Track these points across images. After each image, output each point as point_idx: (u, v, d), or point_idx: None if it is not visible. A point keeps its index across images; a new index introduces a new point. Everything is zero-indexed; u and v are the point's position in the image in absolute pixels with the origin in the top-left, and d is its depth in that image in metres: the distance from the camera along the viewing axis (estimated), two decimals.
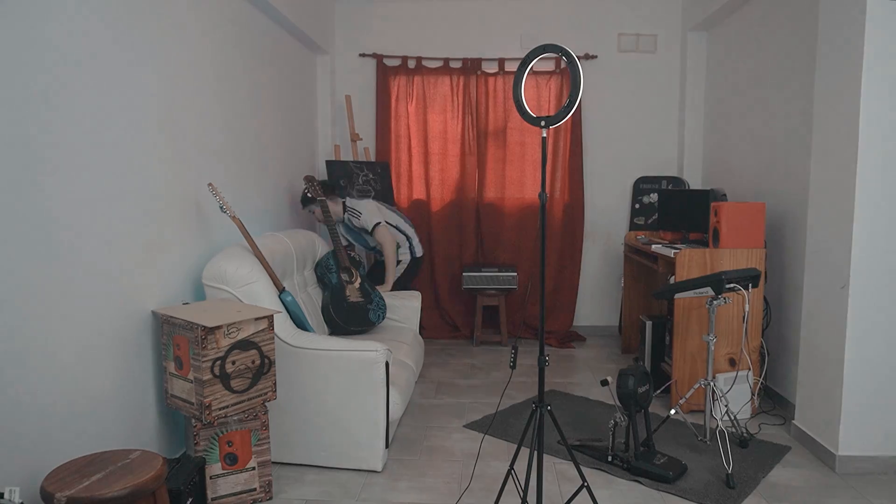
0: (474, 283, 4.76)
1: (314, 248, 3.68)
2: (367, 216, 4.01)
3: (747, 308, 3.04)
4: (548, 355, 2.09)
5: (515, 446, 3.10)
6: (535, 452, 2.08)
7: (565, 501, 2.34)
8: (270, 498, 2.55)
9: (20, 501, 1.62)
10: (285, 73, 4.16)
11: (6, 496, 1.61)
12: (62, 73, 2.00)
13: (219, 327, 2.31)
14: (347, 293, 3.56)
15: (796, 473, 2.80)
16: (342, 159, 4.97)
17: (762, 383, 3.68)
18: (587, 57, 4.99)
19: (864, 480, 2.73)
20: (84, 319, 2.11)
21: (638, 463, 2.75)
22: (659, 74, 5.01)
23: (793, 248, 3.49)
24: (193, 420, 2.37)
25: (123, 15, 2.33)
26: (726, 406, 3.02)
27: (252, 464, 2.49)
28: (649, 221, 4.96)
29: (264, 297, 2.78)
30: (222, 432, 2.42)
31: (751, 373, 3.38)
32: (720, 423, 2.99)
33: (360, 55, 5.05)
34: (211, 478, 2.41)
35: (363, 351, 2.70)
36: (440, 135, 5.03)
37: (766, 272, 3.53)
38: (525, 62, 2.02)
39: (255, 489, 2.51)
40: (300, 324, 2.92)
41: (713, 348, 2.96)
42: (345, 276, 3.61)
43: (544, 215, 2.06)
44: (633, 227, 4.99)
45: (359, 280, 3.66)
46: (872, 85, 2.64)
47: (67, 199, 2.03)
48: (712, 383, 2.98)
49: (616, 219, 5.10)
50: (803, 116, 3.39)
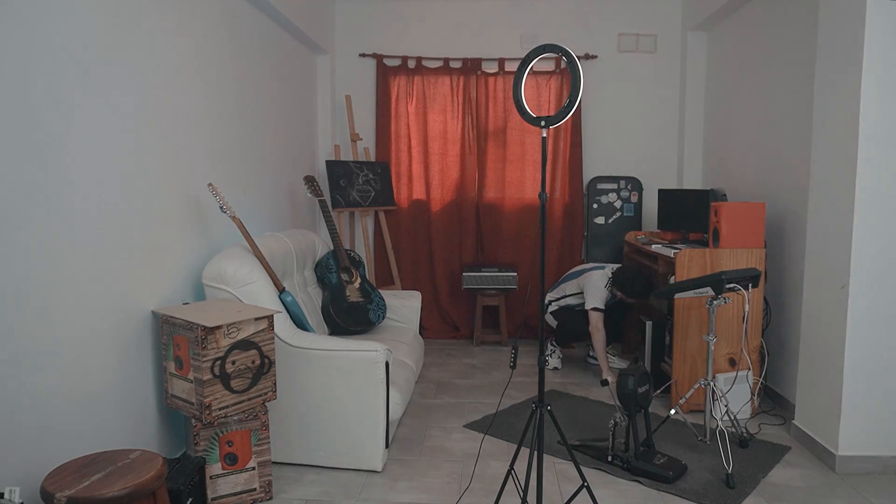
0: (474, 283, 4.75)
1: (314, 248, 3.68)
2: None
3: (747, 308, 3.04)
4: (548, 355, 2.09)
5: (515, 446, 3.10)
6: (535, 452, 2.08)
7: (565, 501, 2.34)
8: (270, 498, 2.55)
9: (20, 501, 1.62)
10: (285, 73, 4.16)
11: (6, 496, 1.61)
12: (62, 74, 2.00)
13: (219, 327, 2.31)
14: (347, 293, 3.56)
15: (796, 473, 2.80)
16: (342, 159, 4.97)
17: (762, 383, 3.68)
18: (587, 57, 4.99)
19: (864, 480, 2.73)
20: (84, 319, 2.11)
21: (638, 463, 2.75)
22: (659, 74, 5.01)
23: (793, 248, 3.49)
24: (193, 420, 2.37)
25: (124, 15, 2.33)
26: (726, 406, 3.02)
27: (252, 464, 2.49)
28: (610, 221, 4.96)
29: (264, 297, 2.78)
30: (222, 432, 2.42)
31: (751, 373, 3.38)
32: (720, 423, 2.99)
33: (360, 55, 5.05)
34: (211, 478, 2.41)
35: (363, 351, 2.70)
36: (440, 135, 5.03)
37: (766, 272, 3.53)
38: (525, 62, 2.02)
39: (255, 489, 2.51)
40: (300, 324, 2.92)
41: (713, 348, 2.96)
42: (345, 276, 3.61)
43: (544, 215, 2.06)
44: (591, 227, 4.98)
45: (359, 280, 3.66)
46: (872, 85, 2.64)
47: (67, 198, 2.03)
48: (712, 383, 2.98)
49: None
50: (803, 116, 3.39)
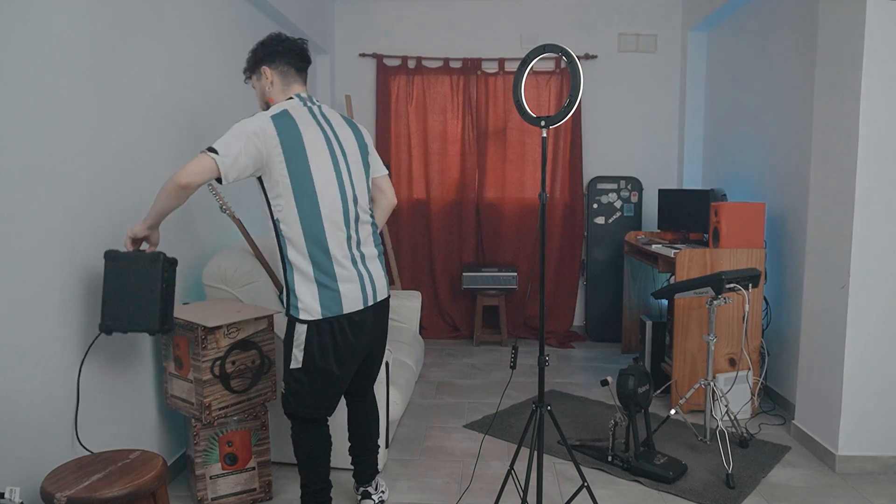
0: (474, 283, 4.75)
1: None
2: None
3: (747, 308, 3.04)
4: (548, 355, 2.09)
5: (515, 446, 3.10)
6: (535, 452, 2.08)
7: (565, 501, 2.34)
8: (270, 498, 2.55)
9: (20, 501, 1.62)
10: None
11: (6, 496, 1.61)
12: (62, 73, 2.00)
13: (219, 327, 2.31)
14: None
15: (796, 473, 2.80)
16: None
17: (762, 383, 3.68)
18: (587, 57, 4.99)
19: (864, 480, 2.73)
20: (84, 319, 2.11)
21: (638, 463, 2.75)
22: (659, 74, 5.01)
23: (793, 248, 3.49)
24: (193, 420, 2.37)
25: (123, 15, 2.33)
26: (726, 406, 3.02)
27: (252, 464, 2.49)
28: (610, 221, 4.96)
29: (264, 297, 2.78)
30: (222, 432, 2.42)
31: (751, 373, 3.38)
32: (720, 423, 2.99)
33: (360, 55, 5.05)
34: (211, 478, 2.41)
35: None
36: (440, 135, 5.03)
37: (765, 272, 3.53)
38: (525, 62, 2.02)
39: (255, 489, 2.51)
40: None
41: (713, 348, 2.96)
42: None
43: (544, 215, 2.06)
44: (591, 227, 4.98)
45: None
46: (872, 85, 2.64)
47: (67, 198, 2.03)
48: (712, 383, 2.98)
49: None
50: (803, 116, 3.38)
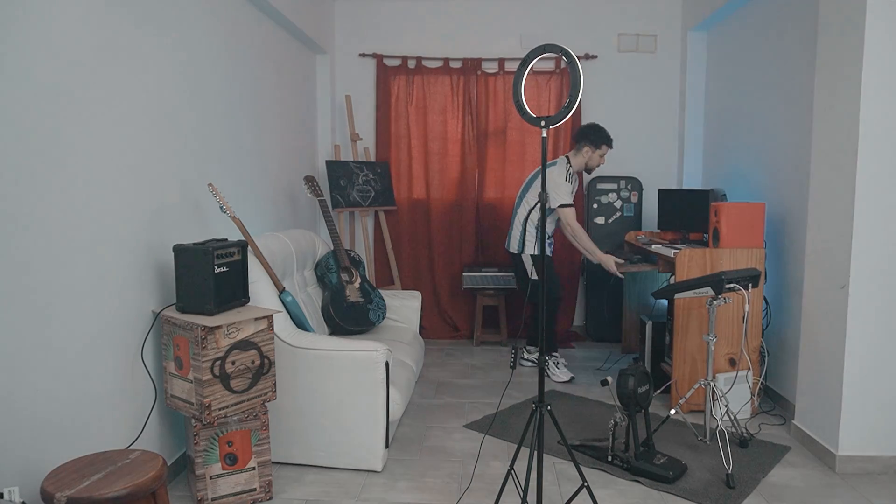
0: (474, 283, 4.75)
1: (314, 248, 3.68)
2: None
3: (747, 308, 3.04)
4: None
5: (515, 446, 3.10)
6: (535, 452, 2.08)
7: (565, 501, 2.34)
8: (270, 498, 2.55)
9: (20, 501, 1.62)
10: (285, 73, 4.16)
11: (6, 496, 1.61)
12: (62, 73, 2.00)
13: (219, 327, 2.31)
14: (347, 293, 3.56)
15: (796, 473, 2.80)
16: (342, 159, 4.97)
17: (762, 383, 3.68)
18: (587, 57, 4.99)
19: (864, 480, 2.73)
20: (84, 319, 2.11)
21: (638, 463, 2.75)
22: (659, 74, 5.01)
23: (793, 248, 3.49)
24: (193, 420, 2.37)
25: (123, 15, 2.33)
26: (726, 406, 3.02)
27: (252, 464, 2.49)
28: (610, 221, 4.96)
29: (264, 297, 2.78)
30: (222, 432, 2.42)
31: (751, 373, 3.38)
32: (720, 423, 2.99)
33: (360, 55, 5.05)
34: (211, 478, 2.41)
35: (363, 351, 2.70)
36: (440, 135, 5.03)
37: (765, 272, 3.53)
38: (525, 62, 2.02)
39: (255, 489, 2.51)
40: (300, 324, 2.92)
41: (713, 348, 2.96)
42: (345, 277, 3.61)
43: (544, 215, 2.07)
44: (591, 227, 4.98)
45: (359, 280, 3.66)
46: (872, 85, 2.64)
47: (68, 198, 2.03)
48: (712, 383, 2.98)
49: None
50: (803, 116, 3.38)
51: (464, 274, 4.76)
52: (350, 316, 3.50)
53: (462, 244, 5.08)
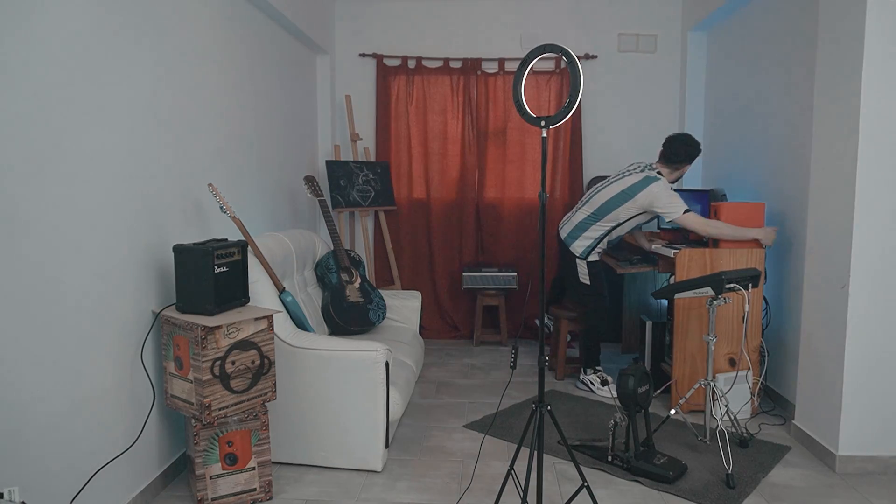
0: (474, 283, 4.75)
1: (314, 248, 3.68)
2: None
3: (747, 308, 3.04)
4: (548, 355, 2.09)
5: (515, 446, 3.10)
6: (535, 452, 2.08)
7: (565, 501, 2.34)
8: (270, 498, 2.55)
9: (20, 501, 1.62)
10: (285, 73, 4.16)
11: (6, 496, 1.61)
12: (61, 73, 2.00)
13: (219, 327, 2.31)
14: (347, 293, 3.56)
15: (796, 473, 2.80)
16: (342, 159, 4.97)
17: (762, 383, 3.68)
18: (587, 57, 4.99)
19: (864, 480, 2.73)
20: (84, 319, 2.11)
21: (638, 463, 2.75)
22: (659, 74, 5.01)
23: (793, 248, 3.49)
24: (193, 420, 2.37)
25: (122, 14, 2.33)
26: (726, 406, 3.02)
27: (252, 464, 2.49)
28: None
29: (264, 297, 2.78)
30: (222, 432, 2.42)
31: (751, 373, 3.38)
32: (720, 423, 2.99)
33: (360, 55, 5.05)
34: (211, 478, 2.41)
35: (363, 351, 2.70)
36: (440, 135, 5.03)
37: (765, 272, 3.53)
38: (525, 62, 2.02)
39: (255, 489, 2.51)
40: (300, 324, 2.92)
41: (713, 348, 2.96)
42: (345, 277, 3.61)
43: (544, 215, 2.06)
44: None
45: (359, 280, 3.66)
46: (872, 84, 2.64)
47: (67, 198, 2.03)
48: (712, 383, 2.98)
49: None
50: (803, 116, 3.39)
51: (464, 274, 4.75)
52: (350, 316, 3.51)
53: (462, 244, 5.08)
